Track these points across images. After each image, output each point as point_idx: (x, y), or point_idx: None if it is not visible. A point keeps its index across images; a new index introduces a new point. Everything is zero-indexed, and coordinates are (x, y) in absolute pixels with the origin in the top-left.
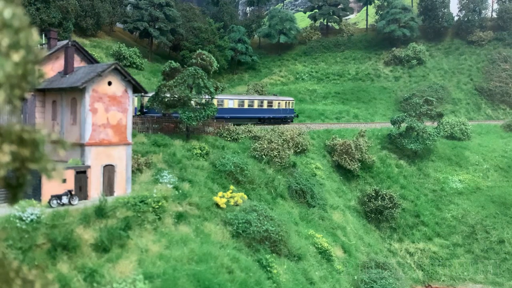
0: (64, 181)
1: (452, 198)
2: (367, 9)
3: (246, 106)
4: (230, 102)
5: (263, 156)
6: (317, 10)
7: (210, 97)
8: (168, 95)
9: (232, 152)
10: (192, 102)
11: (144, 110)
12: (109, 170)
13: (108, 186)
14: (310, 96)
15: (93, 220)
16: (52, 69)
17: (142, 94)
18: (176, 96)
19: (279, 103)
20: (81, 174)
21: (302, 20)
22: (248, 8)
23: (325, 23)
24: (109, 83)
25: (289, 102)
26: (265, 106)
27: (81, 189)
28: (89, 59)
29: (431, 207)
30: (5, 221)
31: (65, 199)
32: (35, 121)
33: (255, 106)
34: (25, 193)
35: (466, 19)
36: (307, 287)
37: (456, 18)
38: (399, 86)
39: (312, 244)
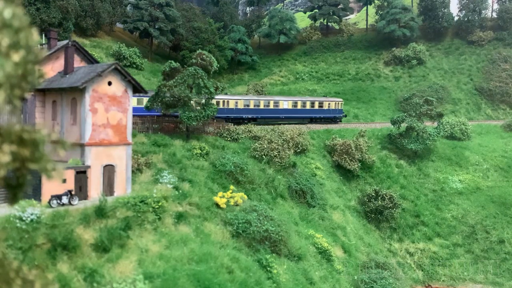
0: (64, 181)
1: (452, 198)
2: (367, 9)
3: (299, 107)
4: (285, 103)
5: (263, 156)
6: (317, 10)
7: (210, 97)
8: (168, 95)
9: (232, 152)
10: (193, 102)
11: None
12: (109, 170)
13: (108, 186)
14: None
15: (93, 220)
16: (52, 69)
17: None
18: (176, 96)
19: (329, 103)
20: (81, 174)
21: (302, 20)
22: (248, 8)
23: (325, 23)
24: (109, 83)
25: (338, 103)
26: (316, 106)
27: (81, 189)
28: (89, 59)
29: (431, 207)
30: (5, 221)
31: (65, 199)
32: (35, 121)
33: (307, 107)
34: (25, 193)
35: (466, 19)
36: (307, 287)
37: (456, 18)
38: (399, 86)
39: (312, 244)
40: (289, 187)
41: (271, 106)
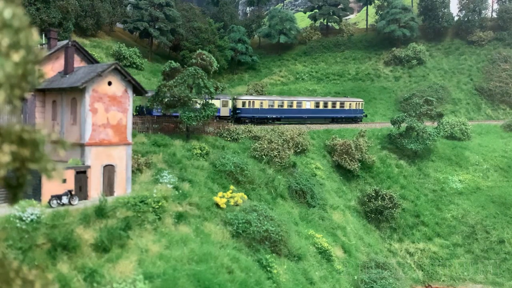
0: (64, 181)
1: (452, 198)
2: (367, 9)
3: (321, 107)
4: (307, 103)
5: (263, 156)
6: (317, 10)
7: (210, 97)
8: (168, 95)
9: (232, 152)
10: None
11: (237, 111)
12: (109, 170)
13: (108, 186)
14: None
15: (93, 220)
16: (52, 69)
17: (235, 97)
18: (176, 96)
19: (350, 104)
20: (81, 174)
21: (302, 20)
22: (248, 8)
23: (325, 23)
24: (109, 83)
25: (359, 103)
26: (337, 107)
27: (81, 189)
28: (89, 59)
29: (431, 207)
30: (5, 221)
31: (65, 199)
32: (35, 121)
33: (329, 107)
34: (25, 193)
35: (466, 19)
36: (307, 287)
37: (456, 18)
38: (399, 86)
39: (312, 244)
40: (289, 187)
41: (294, 106)
